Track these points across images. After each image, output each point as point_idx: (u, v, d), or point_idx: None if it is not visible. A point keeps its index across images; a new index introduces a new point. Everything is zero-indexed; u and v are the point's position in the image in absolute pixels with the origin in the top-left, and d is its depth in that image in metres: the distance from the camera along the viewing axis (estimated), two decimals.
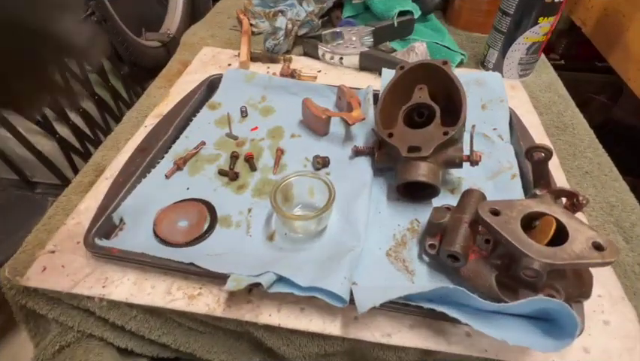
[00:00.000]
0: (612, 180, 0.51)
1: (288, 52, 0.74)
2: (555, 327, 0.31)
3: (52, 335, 0.41)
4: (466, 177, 0.48)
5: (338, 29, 0.71)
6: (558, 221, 0.32)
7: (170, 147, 0.52)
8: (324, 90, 0.61)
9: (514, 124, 0.55)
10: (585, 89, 1.14)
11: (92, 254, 0.39)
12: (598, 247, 0.30)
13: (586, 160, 0.54)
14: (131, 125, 0.57)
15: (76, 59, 0.83)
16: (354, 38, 0.70)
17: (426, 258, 0.40)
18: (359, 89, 0.59)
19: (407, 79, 0.48)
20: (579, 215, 0.44)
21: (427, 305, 0.33)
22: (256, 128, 0.56)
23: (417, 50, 0.67)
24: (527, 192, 0.45)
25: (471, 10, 0.81)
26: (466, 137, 0.45)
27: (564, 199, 0.37)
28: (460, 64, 0.72)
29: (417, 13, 0.72)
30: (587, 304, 0.35)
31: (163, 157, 0.50)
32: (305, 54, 0.73)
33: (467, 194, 0.39)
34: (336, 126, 0.55)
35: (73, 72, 0.89)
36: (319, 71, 0.69)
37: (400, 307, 0.34)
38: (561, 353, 0.34)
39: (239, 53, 0.71)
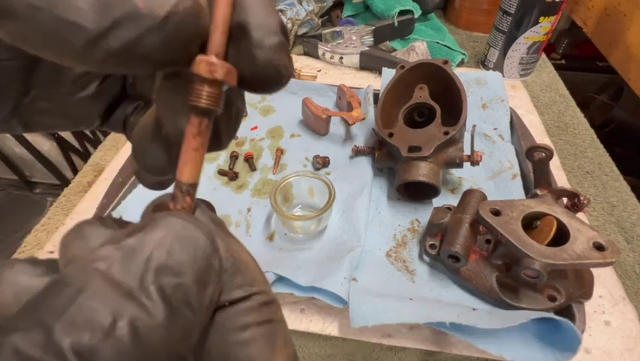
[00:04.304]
0: (613, 180, 0.51)
1: None
2: (556, 338, 0.31)
3: None
4: (466, 176, 0.48)
5: (338, 29, 0.71)
6: (559, 221, 0.32)
7: None
8: (324, 90, 0.61)
9: (515, 124, 0.55)
10: (586, 88, 1.14)
11: None
12: (599, 247, 0.29)
13: (587, 160, 0.54)
14: None
15: None
16: (354, 38, 0.70)
17: (426, 258, 0.40)
18: (359, 88, 0.59)
19: (407, 78, 0.48)
20: (580, 215, 0.44)
21: (424, 321, 0.32)
22: (256, 127, 0.56)
23: (417, 50, 0.67)
24: (528, 192, 0.45)
25: (471, 10, 0.81)
26: (467, 137, 0.45)
27: (565, 199, 0.37)
28: (461, 63, 0.72)
29: (417, 13, 0.72)
30: (588, 305, 0.35)
31: None
32: (305, 53, 0.73)
33: (468, 194, 0.39)
34: (336, 126, 0.55)
35: None
36: (319, 71, 0.69)
37: None
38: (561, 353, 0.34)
39: None
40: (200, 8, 0.11)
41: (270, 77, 0.12)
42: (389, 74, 0.62)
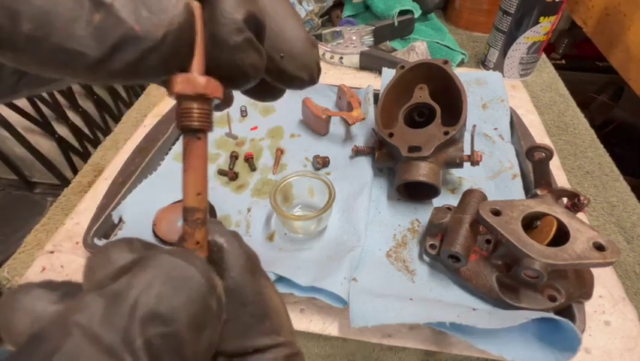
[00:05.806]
0: (613, 180, 0.51)
1: None
2: (556, 338, 0.31)
3: None
4: (466, 176, 0.48)
5: (338, 28, 0.71)
6: (559, 221, 0.32)
7: (170, 148, 0.51)
8: (324, 90, 0.61)
9: (515, 124, 0.55)
10: (586, 88, 1.14)
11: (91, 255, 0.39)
12: (599, 247, 0.29)
13: (587, 160, 0.54)
14: (131, 125, 0.57)
15: None
16: (354, 38, 0.70)
17: (426, 258, 0.40)
18: (359, 88, 0.59)
19: (407, 78, 0.48)
20: (580, 215, 0.44)
21: (424, 321, 0.32)
22: (256, 127, 0.56)
23: (417, 50, 0.67)
24: (528, 192, 0.45)
25: (472, 10, 0.81)
26: (467, 137, 0.45)
27: (565, 199, 0.37)
28: (461, 63, 0.72)
29: (417, 13, 0.72)
30: (588, 305, 0.35)
31: (163, 158, 0.50)
32: None
33: (468, 194, 0.39)
34: (336, 126, 0.55)
35: None
36: None
37: None
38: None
39: None
40: (192, 19, 0.10)
41: (235, 76, 0.12)
42: (389, 74, 0.62)
